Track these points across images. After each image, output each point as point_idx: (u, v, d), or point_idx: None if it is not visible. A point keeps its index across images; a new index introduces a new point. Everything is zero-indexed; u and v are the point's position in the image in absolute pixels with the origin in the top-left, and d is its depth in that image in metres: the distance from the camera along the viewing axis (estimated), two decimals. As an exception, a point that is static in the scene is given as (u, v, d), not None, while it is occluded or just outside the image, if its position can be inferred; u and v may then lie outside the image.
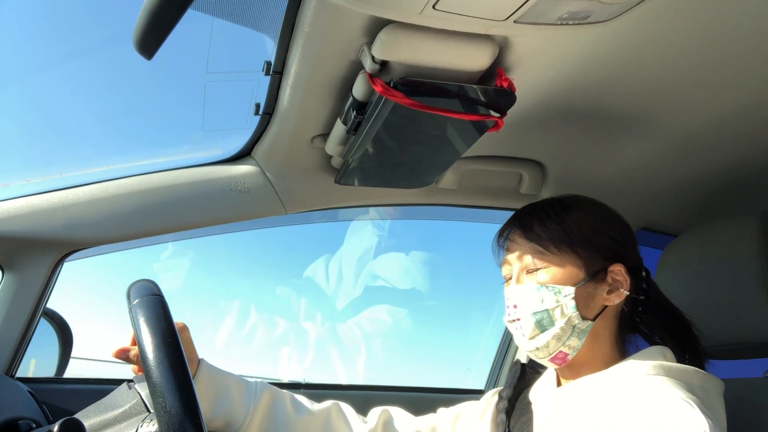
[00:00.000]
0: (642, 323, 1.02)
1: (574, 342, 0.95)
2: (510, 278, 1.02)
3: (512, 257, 1.01)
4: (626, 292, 0.97)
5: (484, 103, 0.97)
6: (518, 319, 0.97)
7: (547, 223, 0.99)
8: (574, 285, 0.95)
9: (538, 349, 0.96)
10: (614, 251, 0.99)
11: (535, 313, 0.95)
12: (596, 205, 1.04)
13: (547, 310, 0.94)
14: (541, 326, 0.95)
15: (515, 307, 0.97)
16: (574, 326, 0.94)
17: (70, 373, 1.48)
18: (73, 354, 1.49)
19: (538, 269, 0.97)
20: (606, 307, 0.97)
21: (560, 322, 0.94)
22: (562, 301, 0.94)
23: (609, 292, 0.97)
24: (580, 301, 0.95)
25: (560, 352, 0.95)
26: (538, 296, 0.95)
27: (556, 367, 0.99)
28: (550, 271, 0.96)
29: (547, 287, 0.95)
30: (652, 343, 1.01)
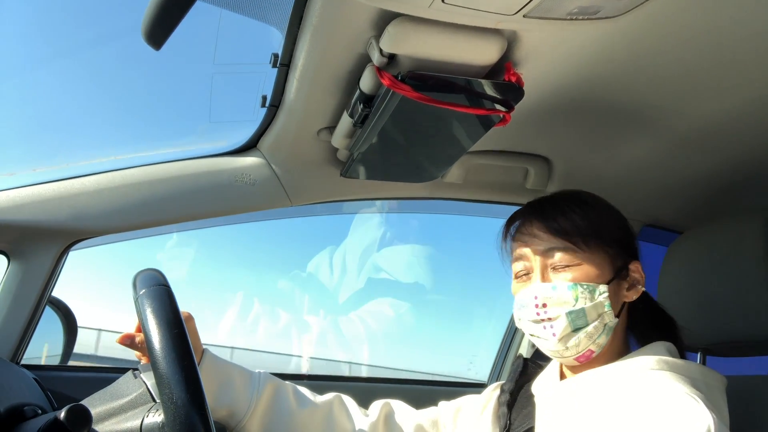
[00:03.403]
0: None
1: (603, 340, 0.94)
2: (525, 274, 0.99)
3: (533, 253, 0.97)
4: (643, 289, 0.98)
5: (492, 98, 0.97)
6: (549, 319, 0.93)
7: (572, 217, 0.96)
8: (605, 283, 0.94)
9: (567, 348, 0.93)
10: (632, 247, 1.00)
11: (569, 313, 0.92)
12: (603, 200, 1.04)
13: (582, 309, 0.92)
14: (575, 325, 0.92)
15: (544, 306, 0.93)
16: (605, 324, 0.93)
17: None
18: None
19: (568, 266, 0.94)
20: (624, 303, 0.97)
21: (595, 321, 0.92)
22: (598, 299, 0.92)
23: (628, 289, 0.97)
24: (611, 299, 0.94)
25: (588, 350, 0.94)
26: (571, 295, 0.92)
27: (576, 364, 0.97)
28: (580, 269, 0.93)
29: (581, 285, 0.92)
30: (638, 333, 1.02)
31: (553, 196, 1.03)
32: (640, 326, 1.03)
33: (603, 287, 0.93)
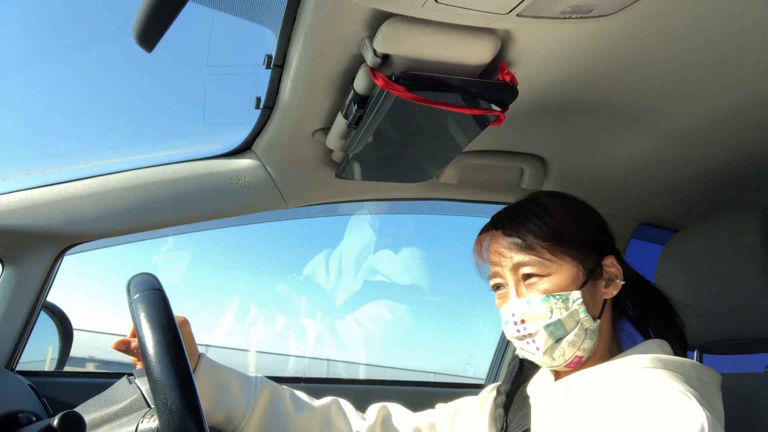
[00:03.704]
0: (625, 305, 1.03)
1: (588, 344, 0.94)
2: (499, 288, 0.99)
3: (504, 270, 0.97)
4: (622, 282, 0.97)
5: (486, 97, 0.96)
6: (530, 335, 0.93)
7: (533, 228, 0.96)
8: (578, 288, 0.93)
9: (553, 359, 0.94)
10: (600, 243, 0.99)
11: (547, 326, 0.92)
12: (568, 199, 1.03)
13: (559, 320, 0.91)
14: (555, 337, 0.92)
15: (523, 322, 0.93)
16: (586, 329, 0.93)
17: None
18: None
19: (537, 279, 0.94)
20: (606, 301, 0.97)
21: (574, 329, 0.92)
22: (573, 307, 0.92)
23: (606, 286, 0.97)
24: (587, 303, 0.93)
25: (575, 356, 0.94)
26: (545, 308, 0.92)
27: (568, 369, 0.97)
28: (551, 279, 0.93)
29: (553, 296, 0.92)
30: (639, 325, 1.02)
31: (515, 207, 1.03)
32: (638, 314, 1.03)
33: (576, 294, 0.92)
